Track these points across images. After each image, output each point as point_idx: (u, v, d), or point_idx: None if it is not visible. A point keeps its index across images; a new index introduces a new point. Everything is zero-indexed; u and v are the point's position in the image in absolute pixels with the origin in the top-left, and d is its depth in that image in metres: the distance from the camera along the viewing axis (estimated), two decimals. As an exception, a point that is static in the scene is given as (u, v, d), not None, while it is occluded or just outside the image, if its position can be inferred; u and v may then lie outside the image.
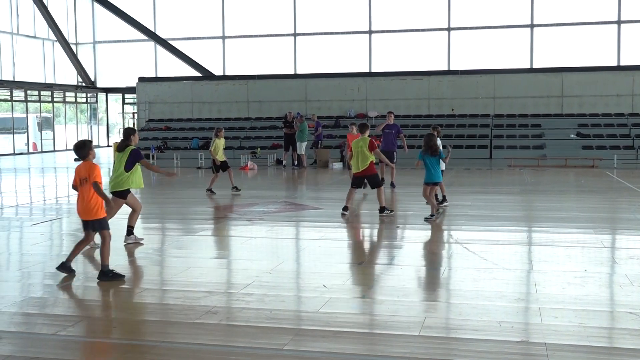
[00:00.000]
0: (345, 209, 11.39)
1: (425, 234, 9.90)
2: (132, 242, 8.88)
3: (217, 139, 14.66)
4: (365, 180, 11.85)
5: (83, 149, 7.12)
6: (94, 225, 7.09)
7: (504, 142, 26.47)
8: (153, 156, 26.03)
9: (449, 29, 31.56)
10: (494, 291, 6.45)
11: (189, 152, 27.61)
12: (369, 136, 11.47)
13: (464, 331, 5.29)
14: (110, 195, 8.31)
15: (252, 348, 4.95)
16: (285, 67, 33.26)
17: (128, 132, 8.91)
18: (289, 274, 7.44)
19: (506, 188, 16.29)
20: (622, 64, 29.48)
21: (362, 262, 7.88)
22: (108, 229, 7.15)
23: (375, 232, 10.51)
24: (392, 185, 15.32)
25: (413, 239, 9.39)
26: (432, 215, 10.62)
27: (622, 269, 7.35)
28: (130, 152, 8.73)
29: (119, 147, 8.87)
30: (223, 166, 14.80)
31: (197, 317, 5.66)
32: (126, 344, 5.10)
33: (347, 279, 6.94)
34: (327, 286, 6.63)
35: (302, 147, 23.17)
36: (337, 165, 23.21)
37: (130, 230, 8.96)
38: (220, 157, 14.72)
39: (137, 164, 8.81)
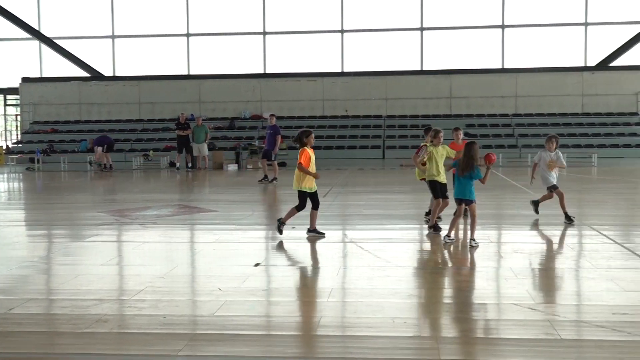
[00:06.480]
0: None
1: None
2: None
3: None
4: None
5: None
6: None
7: (396, 142, 27.11)
8: (39, 160, 24.89)
9: (342, 31, 32.00)
10: (388, 288, 6.58)
11: (77, 155, 26.65)
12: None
13: (359, 329, 5.36)
14: None
15: (146, 355, 4.83)
16: (178, 68, 32.72)
17: None
18: (183, 278, 7.30)
19: (399, 187, 16.67)
20: (506, 66, 30.87)
21: (259, 264, 7.84)
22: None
23: (273, 233, 10.47)
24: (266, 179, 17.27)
25: (311, 239, 9.43)
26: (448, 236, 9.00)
27: (507, 263, 7.67)
28: None
29: None
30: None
31: (86, 327, 5.45)
32: (10, 358, 4.84)
33: (242, 281, 6.88)
34: (222, 289, 6.55)
35: (203, 149, 22.93)
36: (232, 167, 23.04)
37: None
38: None
39: None
